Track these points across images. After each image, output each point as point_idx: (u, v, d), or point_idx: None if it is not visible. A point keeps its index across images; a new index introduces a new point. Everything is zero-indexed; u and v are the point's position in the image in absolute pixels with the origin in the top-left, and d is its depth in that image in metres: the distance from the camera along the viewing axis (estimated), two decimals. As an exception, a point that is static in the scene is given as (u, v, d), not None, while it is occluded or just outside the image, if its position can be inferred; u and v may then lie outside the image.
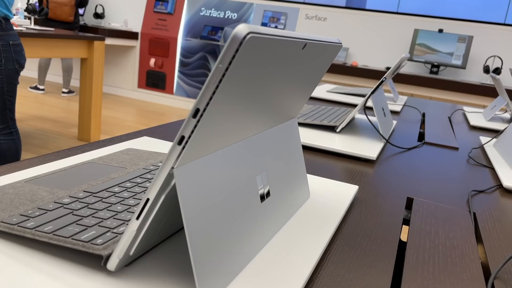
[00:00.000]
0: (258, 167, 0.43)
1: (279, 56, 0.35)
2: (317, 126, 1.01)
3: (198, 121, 0.29)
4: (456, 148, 1.05)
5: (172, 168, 0.31)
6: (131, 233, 0.33)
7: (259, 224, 0.42)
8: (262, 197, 0.43)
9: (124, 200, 0.45)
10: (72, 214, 0.40)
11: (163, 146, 0.72)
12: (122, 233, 0.37)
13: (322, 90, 1.72)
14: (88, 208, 0.42)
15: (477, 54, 3.89)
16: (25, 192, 0.45)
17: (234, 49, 0.27)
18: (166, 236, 0.41)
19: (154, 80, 5.11)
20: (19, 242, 0.38)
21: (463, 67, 3.82)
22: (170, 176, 0.31)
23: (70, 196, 0.45)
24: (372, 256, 0.46)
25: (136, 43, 5.14)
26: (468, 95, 3.57)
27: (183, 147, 0.30)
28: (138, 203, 0.44)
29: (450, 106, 1.97)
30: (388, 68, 3.92)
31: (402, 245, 0.54)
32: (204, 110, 0.29)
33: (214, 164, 0.36)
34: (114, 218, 0.40)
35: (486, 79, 3.88)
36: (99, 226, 0.38)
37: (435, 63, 3.88)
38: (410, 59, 3.95)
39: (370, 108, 1.49)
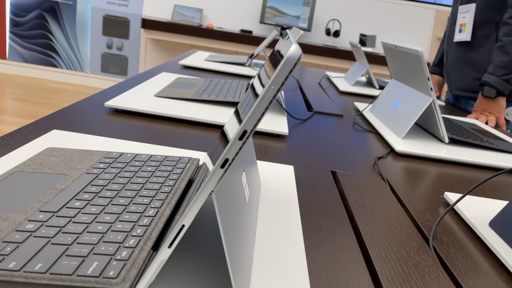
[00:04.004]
0: (241, 166, 0.43)
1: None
2: (221, 103, 1.01)
3: (244, 143, 0.28)
4: (341, 116, 1.16)
5: (212, 191, 0.29)
6: (161, 263, 0.30)
7: (249, 223, 0.42)
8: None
9: (96, 216, 0.40)
10: (52, 244, 0.35)
11: (82, 140, 0.66)
12: (128, 259, 0.34)
13: (199, 59, 1.70)
14: (63, 233, 0.37)
15: (320, 17, 4.23)
16: (-33, 222, 0.38)
17: (288, 71, 0.27)
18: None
19: (-20, 42, 4.36)
20: (-1, 288, 0.32)
21: (308, 29, 4.12)
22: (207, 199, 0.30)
23: (29, 221, 0.39)
24: (336, 235, 0.51)
25: (-50, -2, 4.29)
26: (313, 56, 3.88)
27: (226, 170, 0.29)
28: (117, 219, 0.40)
29: (314, 71, 2.13)
30: (243, 31, 4.02)
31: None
32: (251, 131, 0.28)
33: (230, 175, 0.35)
34: (104, 242, 0.36)
35: (328, 41, 4.26)
36: (94, 254, 0.34)
37: (285, 26, 4.11)
38: (262, 22, 4.10)
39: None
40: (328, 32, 4.11)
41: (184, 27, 3.86)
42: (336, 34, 4.10)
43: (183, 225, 0.30)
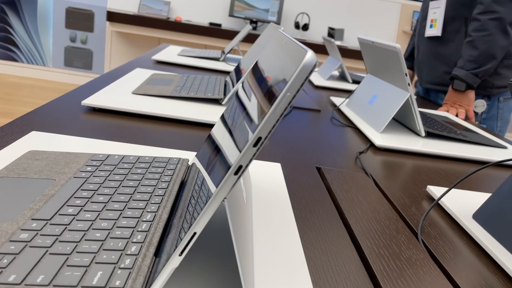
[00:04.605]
0: (238, 169, 0.43)
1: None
2: (201, 99, 1.00)
3: (258, 150, 0.28)
4: (319, 111, 1.17)
5: (225, 198, 0.29)
6: (171, 271, 0.30)
7: (248, 224, 0.42)
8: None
9: (92, 223, 0.39)
10: (50, 254, 0.34)
11: (63, 142, 0.63)
12: (132, 267, 0.33)
13: (172, 54, 1.68)
14: (60, 242, 0.36)
15: (289, 10, 4.24)
16: (-45, 234, 0.36)
17: (304, 78, 0.27)
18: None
19: None
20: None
21: (277, 23, 4.12)
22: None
23: (23, 230, 0.37)
24: (329, 232, 0.51)
25: None
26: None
27: (239, 177, 0.28)
28: (115, 225, 0.39)
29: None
30: (212, 24, 3.98)
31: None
32: (266, 138, 0.28)
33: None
34: (104, 250, 0.35)
35: (297, 35, 4.28)
36: (97, 263, 0.34)
37: (254, 19, 4.10)
38: (231, 15, 4.07)
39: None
40: (297, 26, 4.13)
41: (151, 20, 3.79)
42: (305, 27, 4.12)
43: (195, 233, 0.29)
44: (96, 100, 0.85)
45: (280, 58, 0.32)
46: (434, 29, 1.48)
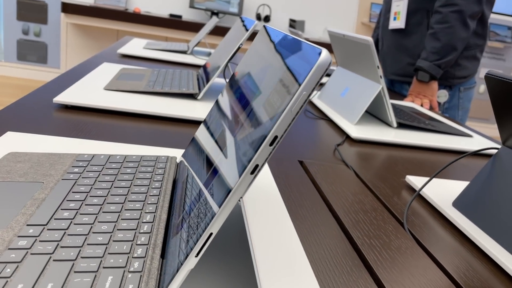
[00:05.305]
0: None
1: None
2: (175, 94, 0.98)
3: (273, 148, 0.28)
4: (292, 103, 1.18)
5: (241, 198, 0.29)
6: (187, 273, 0.30)
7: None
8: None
9: (91, 227, 0.38)
10: (54, 260, 0.33)
11: (41, 142, 0.61)
12: (142, 270, 0.33)
13: (138, 47, 1.64)
14: (62, 247, 0.35)
15: (250, 2, 4.22)
16: None
17: (319, 76, 0.27)
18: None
19: None
20: (6, 314, 0.29)
21: (239, 14, 4.10)
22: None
23: (20, 237, 0.36)
24: (321, 226, 0.52)
25: None
26: (247, 42, 3.89)
27: (255, 176, 0.29)
28: (115, 228, 0.38)
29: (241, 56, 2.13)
30: (172, 16, 3.91)
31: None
32: (282, 137, 0.28)
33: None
34: (110, 254, 0.35)
35: (259, 26, 4.28)
36: (105, 268, 0.33)
37: (215, 11, 4.06)
38: (191, 6, 4.01)
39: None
40: (258, 17, 4.13)
41: (109, 12, 3.68)
42: (267, 19, 4.13)
43: (211, 233, 0.29)
44: (68, 97, 0.82)
45: (288, 57, 0.33)
46: (397, 22, 1.52)
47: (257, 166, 0.28)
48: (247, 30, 0.93)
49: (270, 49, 0.38)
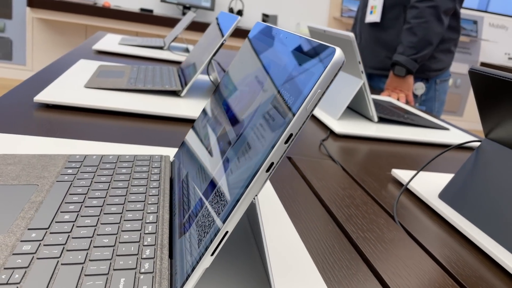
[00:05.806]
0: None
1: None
2: (158, 92, 0.97)
3: (288, 146, 0.29)
4: (273, 99, 1.18)
5: (256, 195, 0.29)
6: (202, 271, 0.30)
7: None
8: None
9: (95, 229, 0.38)
10: (62, 264, 0.33)
11: (28, 143, 0.60)
12: (153, 271, 0.33)
13: (113, 43, 1.61)
14: (69, 251, 0.34)
15: (222, -3, 4.20)
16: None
17: (334, 75, 0.28)
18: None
19: None
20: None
21: (211, 8, 4.08)
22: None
23: (23, 241, 0.35)
24: (316, 221, 0.53)
25: None
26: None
27: (270, 174, 0.29)
28: (119, 229, 0.38)
29: (227, 53, 2.13)
30: (142, 10, 3.85)
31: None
32: (296, 134, 0.29)
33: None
34: (118, 256, 0.34)
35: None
36: (116, 270, 0.33)
37: (187, 5, 4.02)
38: (163, 1, 3.96)
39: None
40: (231, 11, 4.11)
41: (77, 6, 3.58)
42: (240, 13, 4.12)
43: (227, 232, 0.29)
44: (49, 96, 0.80)
45: (299, 56, 0.33)
46: (374, 15, 1.55)
47: (272, 164, 0.29)
48: (228, 26, 0.93)
49: (280, 48, 0.39)
